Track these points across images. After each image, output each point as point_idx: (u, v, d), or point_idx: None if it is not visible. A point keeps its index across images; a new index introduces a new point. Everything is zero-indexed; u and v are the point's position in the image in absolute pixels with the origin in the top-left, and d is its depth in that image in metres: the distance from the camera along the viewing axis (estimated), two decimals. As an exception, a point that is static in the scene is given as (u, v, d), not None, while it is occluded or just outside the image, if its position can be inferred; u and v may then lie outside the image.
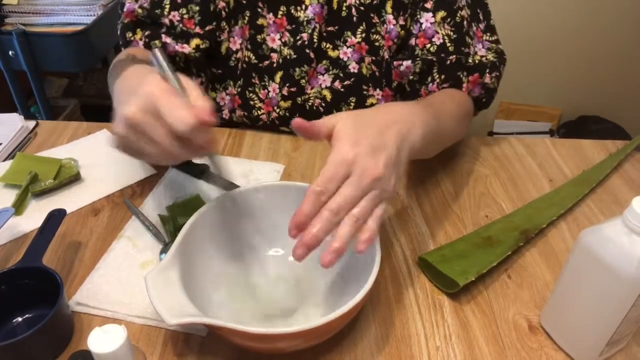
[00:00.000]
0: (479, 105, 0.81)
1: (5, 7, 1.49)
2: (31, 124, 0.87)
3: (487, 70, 0.76)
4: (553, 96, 2.04)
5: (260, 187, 0.61)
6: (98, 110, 1.90)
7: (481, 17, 0.79)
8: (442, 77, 0.76)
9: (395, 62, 0.79)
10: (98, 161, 0.77)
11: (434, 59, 0.76)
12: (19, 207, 0.69)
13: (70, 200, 0.71)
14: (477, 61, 0.76)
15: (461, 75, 0.76)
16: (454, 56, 0.75)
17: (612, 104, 2.02)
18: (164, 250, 0.62)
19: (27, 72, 1.49)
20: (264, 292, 0.58)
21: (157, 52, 0.50)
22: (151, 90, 0.47)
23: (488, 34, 0.79)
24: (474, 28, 0.78)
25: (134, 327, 0.54)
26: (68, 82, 2.05)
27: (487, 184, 0.77)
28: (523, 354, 0.53)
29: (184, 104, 0.46)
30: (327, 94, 0.82)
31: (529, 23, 1.88)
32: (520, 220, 0.68)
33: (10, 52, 1.46)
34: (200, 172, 0.75)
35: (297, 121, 0.51)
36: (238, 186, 0.61)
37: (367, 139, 0.49)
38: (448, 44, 0.75)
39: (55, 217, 0.60)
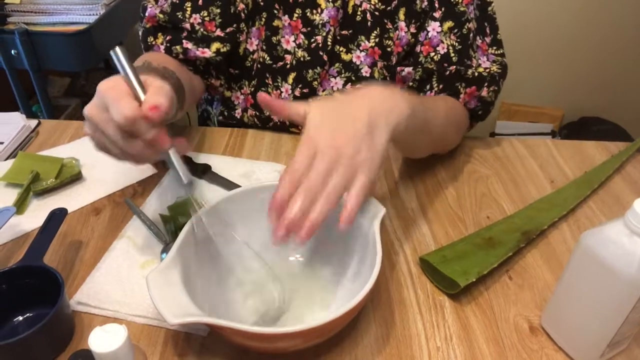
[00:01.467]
0: (475, 117, 0.81)
1: (7, 6, 1.49)
2: (33, 123, 0.87)
3: (486, 84, 0.76)
4: (555, 97, 2.04)
5: (261, 187, 0.61)
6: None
7: (488, 31, 0.79)
8: (440, 86, 0.77)
9: (398, 68, 0.80)
10: (99, 160, 0.76)
11: (435, 68, 0.76)
12: (20, 206, 0.69)
13: (72, 200, 0.71)
14: (476, 74, 0.76)
15: (459, 87, 0.77)
16: (454, 67, 0.75)
17: (613, 105, 2.01)
18: (165, 250, 0.62)
19: (29, 71, 1.49)
20: (264, 290, 0.58)
21: (118, 50, 0.50)
22: (104, 88, 0.49)
23: (494, 48, 0.79)
24: (479, 41, 0.78)
25: (135, 327, 0.54)
26: (70, 81, 2.05)
27: (489, 184, 0.77)
28: (524, 355, 0.53)
29: (129, 98, 0.47)
30: None
31: (531, 24, 1.88)
32: (521, 221, 0.68)
33: (12, 51, 1.46)
34: (202, 172, 0.75)
35: (263, 95, 0.53)
36: (239, 186, 0.61)
37: (332, 120, 0.51)
38: (452, 54, 0.75)
39: (57, 217, 0.60)
